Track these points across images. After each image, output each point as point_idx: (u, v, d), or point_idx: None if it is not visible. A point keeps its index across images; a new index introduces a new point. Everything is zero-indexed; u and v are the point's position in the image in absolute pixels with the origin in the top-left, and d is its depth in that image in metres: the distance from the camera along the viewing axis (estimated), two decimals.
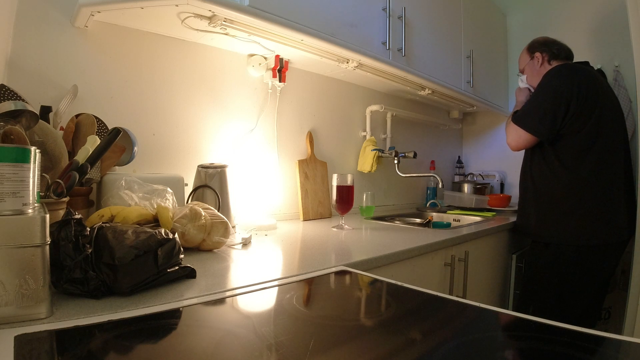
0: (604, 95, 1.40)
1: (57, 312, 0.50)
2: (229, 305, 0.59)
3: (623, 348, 0.47)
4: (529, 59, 1.55)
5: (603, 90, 1.42)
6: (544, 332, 0.51)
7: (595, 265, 1.36)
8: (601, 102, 1.37)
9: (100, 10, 0.96)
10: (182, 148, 1.24)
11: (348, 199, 1.36)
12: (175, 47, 1.22)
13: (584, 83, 1.35)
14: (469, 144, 2.65)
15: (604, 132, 1.35)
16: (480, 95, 2.06)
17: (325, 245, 1.03)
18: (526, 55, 1.57)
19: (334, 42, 1.24)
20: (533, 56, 1.53)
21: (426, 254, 1.09)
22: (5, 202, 0.47)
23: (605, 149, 1.35)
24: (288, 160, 1.54)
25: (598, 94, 1.37)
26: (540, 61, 1.51)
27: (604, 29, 1.98)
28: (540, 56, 1.51)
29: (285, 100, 1.53)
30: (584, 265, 1.36)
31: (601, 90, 1.40)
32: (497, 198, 2.10)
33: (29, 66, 0.96)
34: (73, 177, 0.73)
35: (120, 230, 0.62)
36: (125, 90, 1.12)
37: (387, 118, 1.97)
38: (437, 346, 0.47)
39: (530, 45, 1.56)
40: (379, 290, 0.70)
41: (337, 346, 0.47)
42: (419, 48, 1.62)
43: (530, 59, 1.54)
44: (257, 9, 1.01)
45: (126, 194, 0.85)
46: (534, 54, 1.53)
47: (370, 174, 1.85)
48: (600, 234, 1.34)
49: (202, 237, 0.87)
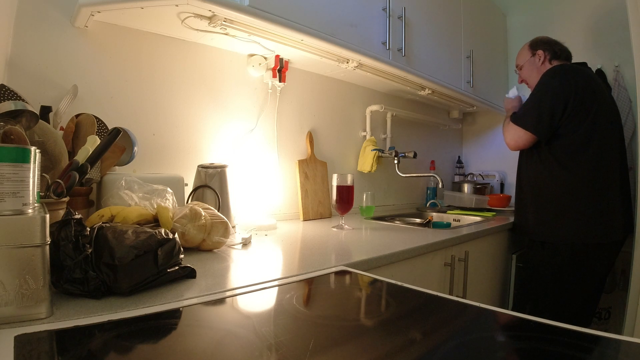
0: (600, 96, 1.42)
1: (57, 312, 0.50)
2: (229, 305, 0.59)
3: (623, 348, 0.47)
4: (530, 56, 1.55)
5: (600, 91, 1.43)
6: (544, 332, 0.51)
7: (590, 265, 1.38)
8: (598, 102, 1.38)
9: (100, 10, 0.96)
10: (182, 148, 1.24)
11: (348, 199, 1.36)
12: (175, 47, 1.22)
13: (582, 83, 1.37)
14: (469, 144, 2.65)
15: (600, 132, 1.37)
16: (480, 95, 2.06)
17: (325, 245, 1.03)
18: (527, 51, 1.57)
19: (334, 42, 1.24)
20: (535, 53, 1.53)
21: (426, 254, 1.09)
22: (5, 202, 0.47)
23: (601, 149, 1.37)
24: (288, 160, 1.54)
25: (595, 94, 1.39)
26: (541, 59, 1.51)
27: (604, 28, 1.98)
28: (542, 54, 1.51)
29: (285, 100, 1.53)
30: (580, 264, 1.37)
31: (598, 91, 1.42)
32: (497, 198, 2.10)
33: (29, 66, 0.96)
34: (73, 177, 0.73)
35: (120, 230, 0.62)
36: (125, 90, 1.12)
37: (387, 118, 1.97)
38: (437, 346, 0.47)
39: (534, 42, 1.56)
40: (378, 290, 0.70)
41: (337, 346, 0.47)
42: (419, 48, 1.62)
43: (532, 55, 1.54)
44: (257, 9, 1.01)
45: (126, 194, 0.85)
46: (536, 51, 1.53)
47: (370, 174, 1.85)
48: (596, 234, 1.35)
49: (202, 237, 0.87)
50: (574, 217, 1.37)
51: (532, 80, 1.54)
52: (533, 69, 1.53)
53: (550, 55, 1.51)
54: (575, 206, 1.37)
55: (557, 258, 1.40)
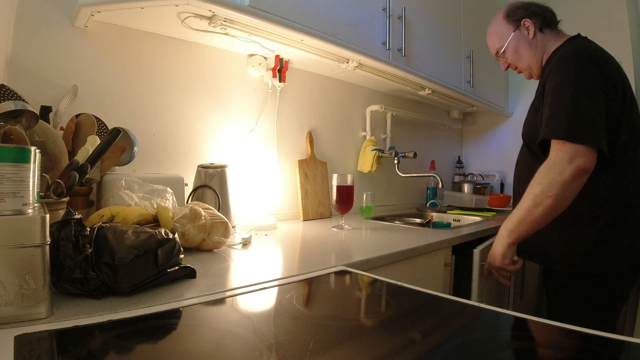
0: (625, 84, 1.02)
1: (57, 312, 0.50)
2: (229, 305, 0.59)
3: (623, 348, 0.47)
4: (513, 29, 1.12)
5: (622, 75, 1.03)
6: (544, 332, 0.51)
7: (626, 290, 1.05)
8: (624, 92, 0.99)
9: (100, 10, 0.96)
10: (182, 148, 1.24)
11: (348, 199, 1.36)
12: (175, 47, 1.22)
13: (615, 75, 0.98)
14: (469, 144, 2.65)
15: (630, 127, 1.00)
16: (480, 95, 2.06)
17: (325, 245, 1.03)
18: (506, 25, 1.14)
19: (334, 42, 1.24)
20: (520, 25, 1.12)
21: (426, 254, 1.09)
22: (5, 202, 0.47)
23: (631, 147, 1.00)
24: (288, 160, 1.54)
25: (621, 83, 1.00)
26: (532, 31, 1.10)
27: (604, 28, 1.97)
28: (530, 23, 1.10)
29: (285, 100, 1.53)
30: (627, 287, 1.04)
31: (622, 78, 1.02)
32: (497, 198, 2.10)
33: (29, 66, 0.96)
34: (73, 177, 0.73)
35: (120, 230, 0.62)
36: (125, 90, 1.12)
37: (387, 118, 1.97)
38: (437, 346, 0.47)
39: (510, 10, 1.15)
40: (378, 290, 0.70)
41: (337, 346, 0.47)
42: (419, 48, 1.62)
43: (516, 28, 1.12)
44: (257, 9, 1.01)
45: (126, 194, 0.85)
46: (520, 22, 1.12)
47: (370, 174, 1.85)
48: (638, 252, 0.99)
49: (202, 237, 0.87)
50: (616, 236, 0.97)
51: (526, 61, 1.13)
52: (524, 45, 1.12)
53: (539, 22, 1.11)
54: (616, 224, 0.97)
55: (603, 289, 0.99)
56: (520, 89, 2.34)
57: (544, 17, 1.11)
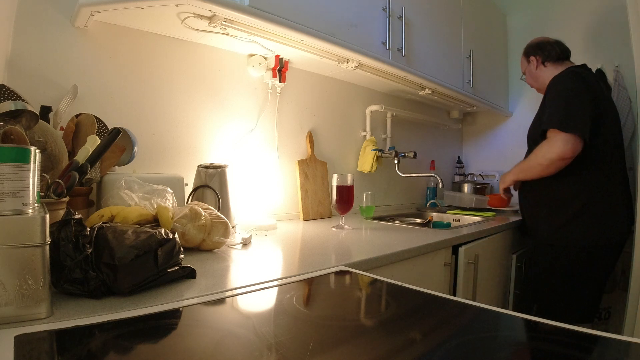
0: (604, 99, 1.43)
1: (57, 312, 0.50)
2: (229, 305, 0.59)
3: (623, 348, 0.47)
4: (527, 64, 1.63)
5: (603, 93, 1.45)
6: (544, 332, 0.51)
7: (599, 265, 1.40)
8: (602, 105, 1.38)
9: (100, 10, 0.96)
10: (182, 148, 1.24)
11: (348, 199, 1.36)
12: (175, 47, 1.22)
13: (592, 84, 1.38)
14: (469, 144, 2.65)
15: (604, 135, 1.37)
16: (480, 95, 2.06)
17: (325, 245, 1.03)
18: (524, 58, 1.65)
19: (334, 42, 1.24)
20: (529, 60, 1.61)
21: (426, 254, 1.09)
22: (5, 202, 0.47)
23: (606, 151, 1.38)
24: (288, 160, 1.54)
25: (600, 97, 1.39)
26: (535, 64, 1.59)
27: (604, 28, 1.97)
28: (534, 59, 1.59)
29: (285, 100, 1.53)
30: (590, 265, 1.39)
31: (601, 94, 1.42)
32: (497, 198, 2.09)
33: (29, 66, 0.96)
34: (73, 177, 0.73)
35: (120, 230, 0.62)
36: (125, 90, 1.12)
37: (387, 118, 1.97)
38: (437, 346, 0.47)
39: (525, 49, 1.64)
40: (379, 290, 0.70)
41: (337, 346, 0.47)
42: (419, 48, 1.62)
43: (528, 62, 1.62)
44: (257, 9, 1.01)
45: (126, 194, 0.85)
46: (529, 58, 1.61)
47: (370, 174, 1.85)
48: (605, 235, 1.38)
49: (202, 237, 0.87)
50: (585, 219, 1.38)
51: (535, 84, 1.62)
52: (532, 73, 1.61)
53: (542, 58, 1.56)
54: (586, 208, 1.38)
55: (567, 259, 1.40)
56: (520, 89, 2.34)
57: (548, 54, 1.55)
